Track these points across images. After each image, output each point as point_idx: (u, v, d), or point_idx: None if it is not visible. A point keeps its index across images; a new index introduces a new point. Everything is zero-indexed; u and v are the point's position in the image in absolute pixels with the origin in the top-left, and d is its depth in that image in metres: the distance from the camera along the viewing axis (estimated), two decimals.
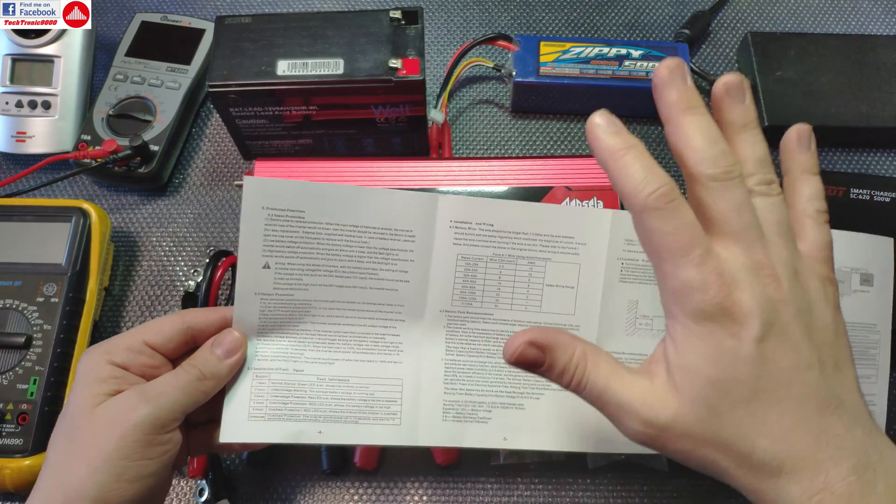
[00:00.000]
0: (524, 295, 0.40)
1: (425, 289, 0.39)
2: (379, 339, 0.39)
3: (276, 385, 0.37)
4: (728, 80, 0.30)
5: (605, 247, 0.40)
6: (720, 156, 0.28)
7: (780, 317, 0.27)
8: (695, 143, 0.28)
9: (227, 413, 0.36)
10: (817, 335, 0.29)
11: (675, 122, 0.29)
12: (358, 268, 0.38)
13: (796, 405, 0.27)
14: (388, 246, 0.39)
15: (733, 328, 0.27)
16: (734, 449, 0.28)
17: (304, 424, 0.37)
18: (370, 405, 0.38)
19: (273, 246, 0.37)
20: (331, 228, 0.38)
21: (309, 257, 0.38)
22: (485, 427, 0.39)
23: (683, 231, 0.27)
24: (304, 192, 0.37)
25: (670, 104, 0.29)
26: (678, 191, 0.27)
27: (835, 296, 0.31)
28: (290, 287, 0.38)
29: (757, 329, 0.27)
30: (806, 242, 0.31)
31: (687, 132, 0.28)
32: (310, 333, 0.38)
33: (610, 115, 0.29)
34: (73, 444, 0.32)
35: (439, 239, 0.39)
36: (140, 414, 0.32)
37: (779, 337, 0.27)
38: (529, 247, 0.40)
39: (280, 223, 0.37)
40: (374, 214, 0.38)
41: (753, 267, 0.28)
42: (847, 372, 0.29)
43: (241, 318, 0.37)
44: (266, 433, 0.37)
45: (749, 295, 0.27)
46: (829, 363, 0.29)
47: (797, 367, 0.27)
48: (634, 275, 0.40)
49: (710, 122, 0.28)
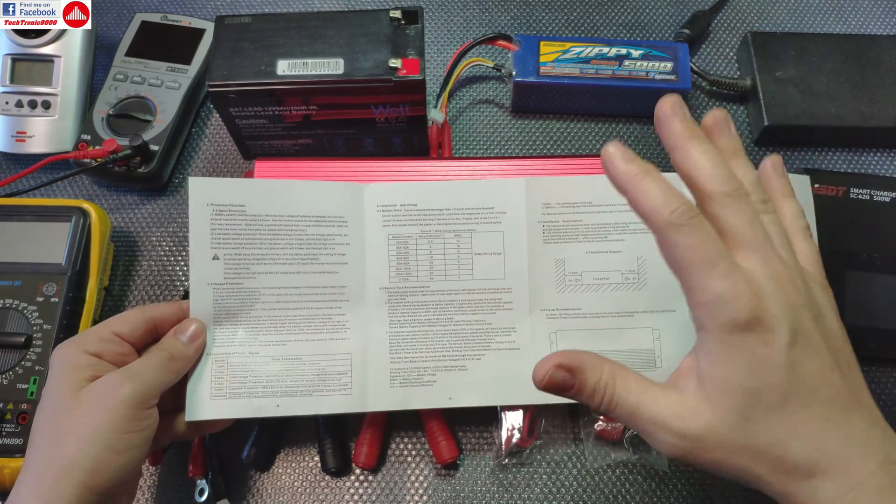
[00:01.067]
0: (455, 265, 0.44)
1: (363, 269, 0.43)
2: (326, 320, 0.42)
3: (234, 367, 0.40)
4: (715, 114, 0.33)
5: (523, 213, 0.44)
6: (729, 175, 0.29)
7: (803, 323, 0.29)
8: (704, 164, 0.30)
9: (191, 394, 0.39)
10: (831, 340, 0.30)
11: (682, 148, 0.30)
12: (299, 254, 0.42)
13: (824, 407, 0.28)
14: (325, 232, 0.42)
15: (765, 336, 0.28)
16: (768, 455, 0.28)
17: (262, 400, 0.40)
18: (322, 379, 0.41)
19: (220, 238, 0.40)
20: (270, 220, 0.41)
21: (253, 247, 0.41)
22: (430, 389, 0.42)
23: (709, 244, 0.28)
24: (243, 188, 0.41)
25: (677, 133, 0.31)
26: (698, 209, 0.29)
27: (834, 303, 0.32)
28: (239, 276, 0.41)
29: (787, 336, 0.28)
30: (801, 255, 0.33)
31: (695, 156, 0.30)
32: (261, 319, 0.41)
33: (622, 145, 0.30)
34: (60, 425, 0.34)
35: (369, 222, 0.43)
36: (126, 390, 0.35)
37: (804, 343, 0.28)
38: (454, 221, 0.43)
39: (224, 217, 0.41)
40: (308, 204, 0.42)
41: (774, 275, 0.29)
42: (858, 373, 0.31)
43: (197, 307, 0.40)
44: (228, 409, 0.40)
45: (774, 303, 0.28)
46: (844, 367, 0.30)
47: (822, 371, 0.29)
48: (557, 235, 0.44)
49: (713, 148, 0.30)
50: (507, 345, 0.43)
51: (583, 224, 0.44)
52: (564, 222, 0.44)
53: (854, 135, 0.55)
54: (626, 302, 0.43)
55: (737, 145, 0.33)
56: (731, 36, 0.62)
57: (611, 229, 0.44)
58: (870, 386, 0.47)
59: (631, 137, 0.56)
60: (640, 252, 0.43)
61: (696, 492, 0.44)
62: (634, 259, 0.43)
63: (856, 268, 0.48)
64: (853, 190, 0.49)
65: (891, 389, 0.47)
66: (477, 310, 0.43)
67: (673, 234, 0.28)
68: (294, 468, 0.45)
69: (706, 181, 0.29)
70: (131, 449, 0.34)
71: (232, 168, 0.56)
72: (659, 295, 0.43)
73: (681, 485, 0.44)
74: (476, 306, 0.43)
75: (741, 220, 0.29)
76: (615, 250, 0.44)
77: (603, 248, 0.44)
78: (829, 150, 0.56)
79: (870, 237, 0.48)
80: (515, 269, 0.43)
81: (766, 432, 0.28)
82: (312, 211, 0.42)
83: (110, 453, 0.33)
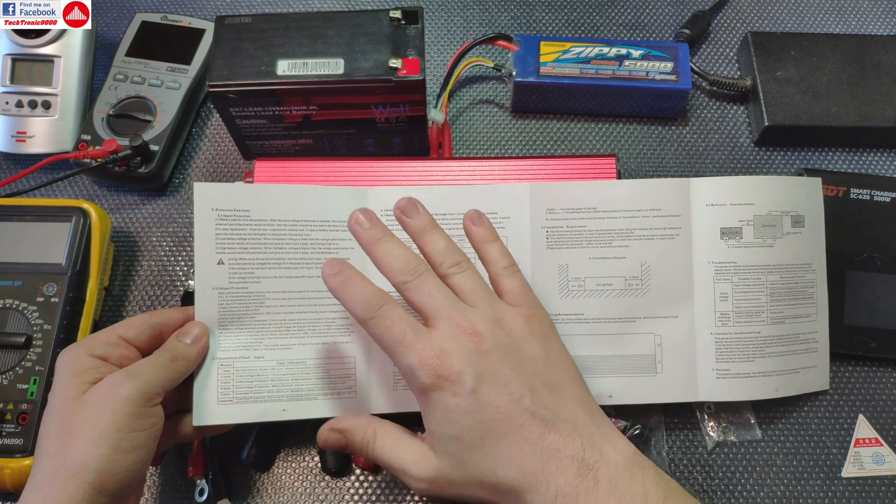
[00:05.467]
0: None
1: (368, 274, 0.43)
2: (330, 323, 0.42)
3: (241, 372, 0.40)
4: (400, 204, 0.38)
5: (527, 218, 0.44)
6: (406, 263, 0.36)
7: (488, 365, 0.34)
8: (386, 262, 0.36)
9: (198, 399, 0.39)
10: (527, 368, 0.35)
11: (371, 253, 0.37)
12: (304, 259, 0.42)
13: (518, 434, 0.33)
14: (329, 237, 0.42)
15: (453, 388, 0.33)
16: (486, 483, 0.34)
17: (268, 404, 0.40)
18: (327, 382, 0.41)
19: (224, 243, 0.40)
20: (275, 224, 0.41)
21: (258, 252, 0.41)
22: None
23: (395, 327, 0.34)
24: (248, 193, 0.41)
25: (364, 242, 0.37)
26: (387, 297, 0.35)
27: (541, 327, 0.37)
28: (244, 280, 0.41)
29: (471, 382, 0.33)
30: (506, 294, 0.38)
31: (379, 258, 0.36)
32: (266, 323, 0.41)
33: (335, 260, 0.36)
34: (66, 428, 0.34)
35: None
36: (128, 389, 0.35)
37: (490, 382, 0.33)
38: (457, 225, 0.42)
39: (229, 222, 0.41)
40: (312, 209, 0.42)
41: (456, 333, 0.34)
42: (564, 390, 0.35)
43: (202, 311, 0.40)
44: (235, 414, 0.40)
45: (457, 358, 0.33)
46: (543, 389, 0.34)
47: (511, 402, 0.33)
48: (560, 241, 0.44)
49: (393, 244, 0.36)
50: None
51: (587, 230, 0.44)
52: (568, 228, 0.44)
53: (854, 135, 0.55)
54: (628, 308, 0.43)
55: (424, 223, 0.38)
56: (731, 36, 0.62)
57: (615, 235, 0.44)
58: (870, 386, 0.47)
59: (631, 137, 0.56)
60: (643, 258, 0.43)
61: (695, 492, 0.44)
62: (638, 265, 0.43)
63: (856, 268, 0.48)
64: (853, 190, 0.49)
65: (891, 389, 0.47)
66: None
67: (369, 328, 0.35)
68: (294, 468, 0.45)
69: (391, 275, 0.36)
70: (137, 448, 0.34)
71: (232, 168, 0.56)
72: (661, 301, 0.43)
73: (681, 485, 0.44)
74: None
75: (422, 297, 0.35)
76: (619, 256, 0.44)
77: (606, 255, 0.44)
78: (829, 150, 0.56)
79: (870, 237, 0.48)
80: None
81: (477, 466, 0.33)
82: (317, 215, 0.42)
83: (117, 453, 0.33)
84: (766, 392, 0.43)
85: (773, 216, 0.43)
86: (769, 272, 0.43)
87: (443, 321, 0.34)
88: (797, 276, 0.44)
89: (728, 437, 0.45)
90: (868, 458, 0.45)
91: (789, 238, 0.44)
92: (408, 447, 0.36)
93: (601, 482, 0.32)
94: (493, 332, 0.35)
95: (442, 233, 0.38)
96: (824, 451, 0.45)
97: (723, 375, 0.43)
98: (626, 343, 0.43)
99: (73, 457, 0.33)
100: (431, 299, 0.35)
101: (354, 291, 0.35)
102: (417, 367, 0.33)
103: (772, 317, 0.43)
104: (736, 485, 0.44)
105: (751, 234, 0.43)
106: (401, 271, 0.36)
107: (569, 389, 0.35)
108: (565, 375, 0.36)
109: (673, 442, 0.46)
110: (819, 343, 0.45)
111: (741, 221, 0.43)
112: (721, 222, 0.43)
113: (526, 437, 0.33)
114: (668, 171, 0.55)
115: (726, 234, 0.43)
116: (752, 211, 0.43)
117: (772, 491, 0.44)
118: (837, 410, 0.47)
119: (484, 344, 0.34)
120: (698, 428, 0.46)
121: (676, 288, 0.44)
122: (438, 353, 0.33)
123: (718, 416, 0.46)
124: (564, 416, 0.34)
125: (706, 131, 0.57)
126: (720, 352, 0.43)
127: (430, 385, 0.33)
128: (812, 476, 0.45)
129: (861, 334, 0.47)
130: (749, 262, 0.43)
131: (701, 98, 0.59)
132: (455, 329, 0.34)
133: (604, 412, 0.36)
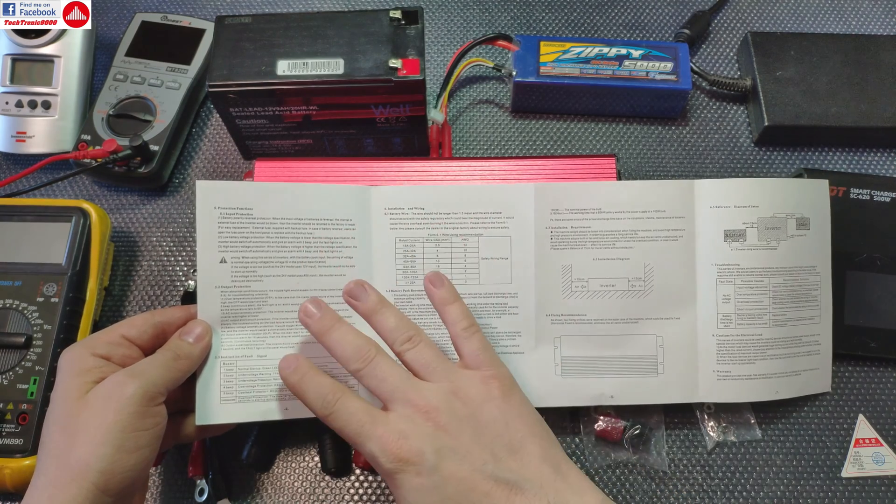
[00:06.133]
0: (462, 269, 0.44)
1: (370, 272, 0.43)
2: None
3: (243, 371, 0.40)
4: (347, 288, 0.39)
5: (531, 218, 0.44)
6: (357, 350, 0.36)
7: (447, 440, 0.34)
8: (339, 351, 0.36)
9: (201, 398, 0.39)
10: (487, 433, 0.35)
11: (323, 343, 0.37)
12: (307, 257, 0.42)
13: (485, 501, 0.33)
14: (332, 235, 0.42)
15: (415, 469, 0.33)
16: None
17: (271, 403, 0.40)
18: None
19: (227, 242, 0.40)
20: (277, 223, 0.41)
21: (261, 250, 0.41)
22: None
23: (351, 419, 0.34)
24: (250, 191, 0.41)
25: (315, 333, 0.37)
26: (343, 389, 0.35)
27: (501, 387, 0.37)
28: (247, 279, 0.41)
29: (431, 460, 0.33)
30: (464, 357, 0.38)
31: (332, 347, 0.37)
32: (269, 321, 0.41)
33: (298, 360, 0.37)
34: (69, 428, 0.34)
35: (377, 225, 0.43)
36: (131, 388, 0.35)
37: (450, 456, 0.34)
38: (461, 225, 0.43)
39: (231, 220, 0.40)
40: (315, 207, 0.42)
41: (412, 414, 0.34)
42: (526, 449, 0.35)
43: (205, 310, 0.40)
44: (237, 414, 0.40)
45: (415, 438, 0.33)
46: (504, 452, 0.35)
47: (473, 471, 0.33)
48: (564, 242, 0.44)
49: (343, 331, 0.37)
50: (512, 349, 0.43)
51: (591, 231, 0.44)
52: (572, 228, 0.44)
53: (854, 135, 0.55)
54: (631, 309, 0.43)
55: (373, 303, 0.38)
56: (731, 36, 0.62)
57: (619, 236, 0.44)
58: (870, 386, 0.47)
59: (631, 137, 0.56)
60: (647, 260, 0.43)
61: (695, 492, 0.44)
62: (641, 266, 0.43)
63: (856, 268, 0.48)
64: (853, 190, 0.49)
65: (891, 389, 0.47)
66: (483, 314, 0.43)
67: (328, 422, 0.35)
68: (294, 468, 0.45)
69: (346, 364, 0.36)
70: (141, 448, 0.34)
71: (232, 168, 0.56)
72: (664, 302, 0.43)
73: (681, 485, 0.44)
74: (482, 310, 0.43)
75: (376, 381, 0.35)
76: (623, 258, 0.44)
77: (610, 256, 0.44)
78: (829, 150, 0.56)
79: (870, 237, 0.48)
80: (522, 274, 0.43)
81: None
82: (320, 214, 0.42)
83: (121, 453, 0.33)
84: (767, 394, 0.43)
85: (777, 218, 0.43)
86: (772, 275, 0.43)
87: (398, 403, 0.35)
88: (801, 279, 0.44)
89: (728, 437, 0.45)
90: (868, 458, 0.45)
91: (794, 240, 0.44)
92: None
93: None
94: (449, 404, 0.35)
95: (392, 309, 0.38)
96: (824, 451, 0.45)
97: (724, 377, 0.43)
98: (628, 344, 0.43)
99: (76, 457, 0.33)
100: (384, 383, 0.35)
101: (310, 389, 0.36)
102: (379, 453, 0.33)
103: (774, 319, 0.43)
104: (736, 485, 0.44)
105: (754, 237, 0.43)
106: (353, 359, 0.36)
107: (531, 447, 0.35)
108: (527, 433, 0.36)
109: (673, 442, 0.46)
110: (822, 345, 0.45)
111: (745, 223, 0.43)
112: (725, 224, 0.43)
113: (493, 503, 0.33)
114: (668, 171, 0.55)
115: (730, 237, 0.43)
116: (757, 213, 0.43)
117: (772, 491, 0.44)
118: (837, 410, 0.47)
119: (441, 418, 0.34)
120: (698, 428, 0.46)
121: (679, 290, 0.44)
122: (397, 436, 0.33)
123: (718, 416, 0.46)
124: (528, 477, 0.34)
125: (706, 131, 0.57)
126: (721, 353, 0.43)
127: (394, 469, 0.33)
128: (812, 476, 0.45)
129: (861, 334, 0.47)
130: (752, 265, 0.43)
131: (701, 98, 0.59)
132: (410, 410, 0.35)
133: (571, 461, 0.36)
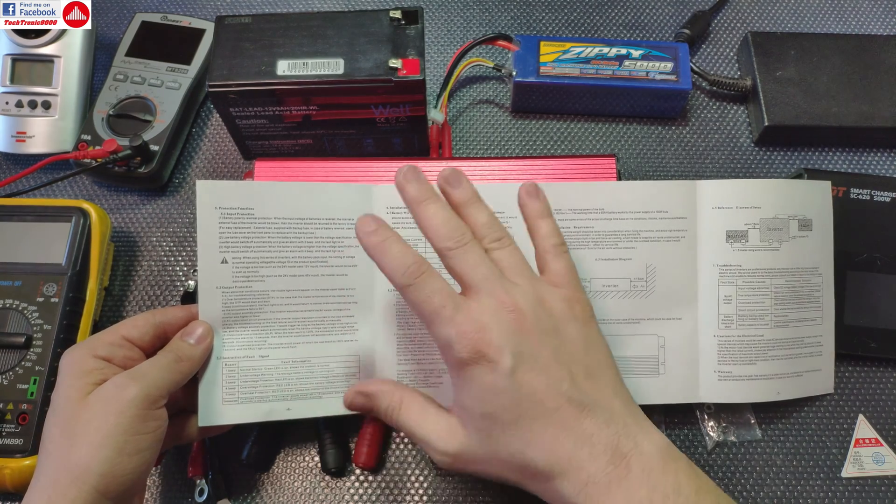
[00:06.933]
0: None
1: (373, 272, 0.42)
2: (335, 322, 0.42)
3: (245, 371, 0.40)
4: (445, 173, 0.37)
5: None
6: (452, 230, 0.34)
7: (528, 345, 0.33)
8: (432, 224, 0.35)
9: (203, 400, 0.39)
10: (566, 352, 0.34)
11: (415, 212, 0.35)
12: (308, 257, 0.42)
13: (553, 417, 0.32)
14: (334, 235, 0.42)
15: (491, 365, 0.32)
16: (514, 464, 0.33)
17: (273, 404, 0.40)
18: (331, 381, 0.42)
19: (228, 242, 0.40)
20: (279, 222, 0.41)
21: (262, 250, 0.41)
22: (436, 391, 0.42)
23: (435, 296, 0.33)
24: (251, 191, 0.41)
25: (410, 199, 0.35)
26: (426, 265, 0.34)
27: (583, 311, 0.36)
28: (248, 279, 0.40)
29: (510, 361, 0.32)
30: (549, 273, 0.37)
31: (426, 217, 0.35)
32: (271, 322, 0.41)
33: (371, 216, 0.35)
34: (70, 430, 0.34)
35: None
36: (132, 391, 0.34)
37: (529, 363, 0.32)
38: None
39: (232, 221, 0.40)
40: (316, 207, 0.42)
41: (497, 308, 0.33)
42: (601, 377, 0.35)
43: (206, 311, 0.40)
44: (240, 414, 0.40)
45: (497, 334, 0.32)
46: (581, 374, 0.34)
47: (549, 385, 0.32)
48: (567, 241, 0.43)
49: (441, 206, 0.35)
50: None
51: (593, 231, 0.44)
52: (575, 228, 0.44)
53: (854, 135, 0.55)
54: (633, 309, 0.43)
55: (468, 194, 0.37)
56: (731, 36, 0.62)
57: (621, 237, 0.43)
58: (870, 386, 0.47)
59: (631, 137, 0.56)
60: (649, 260, 0.43)
61: None
62: (643, 267, 0.43)
63: (856, 268, 0.48)
64: (853, 190, 0.49)
65: (891, 389, 0.47)
66: None
67: (406, 294, 0.34)
68: (294, 468, 0.45)
69: (435, 239, 0.34)
70: (142, 451, 0.34)
71: (232, 168, 0.56)
72: (666, 303, 0.43)
73: None
74: None
75: (466, 267, 0.34)
76: (625, 258, 0.43)
77: (612, 256, 0.43)
78: (829, 150, 0.56)
79: (870, 237, 0.48)
80: None
81: (507, 446, 0.33)
82: (322, 213, 0.42)
83: (121, 456, 0.33)
84: (767, 395, 0.43)
85: (779, 220, 0.43)
86: (774, 276, 0.43)
87: (485, 294, 0.33)
88: (803, 280, 0.44)
89: (728, 437, 0.45)
90: (868, 458, 0.45)
91: (796, 242, 0.44)
92: (434, 419, 0.35)
93: (633, 471, 0.32)
94: (535, 310, 0.34)
95: (486, 206, 0.37)
96: (824, 451, 0.45)
97: (725, 377, 0.43)
98: (630, 344, 0.43)
99: (76, 459, 0.33)
100: (475, 270, 0.34)
101: (394, 254, 0.34)
102: (455, 339, 0.32)
103: (776, 320, 0.43)
104: (736, 485, 0.44)
105: (756, 238, 0.43)
106: (445, 237, 0.34)
107: (606, 377, 0.35)
108: (603, 363, 0.35)
109: (673, 441, 0.45)
110: (824, 347, 0.45)
111: (747, 224, 0.43)
112: (727, 225, 0.43)
113: (560, 422, 0.32)
114: (668, 171, 0.55)
115: (732, 237, 0.43)
116: (759, 214, 0.43)
117: (772, 491, 0.44)
118: (837, 410, 0.47)
119: (525, 322, 0.33)
120: (698, 428, 0.46)
121: (681, 290, 0.44)
122: (478, 328, 0.32)
123: (718, 416, 0.46)
124: (601, 403, 0.33)
125: (706, 131, 0.57)
126: (722, 354, 0.43)
127: (467, 359, 0.32)
128: (812, 476, 0.45)
129: (861, 334, 0.47)
130: (754, 266, 0.43)
131: (701, 98, 0.59)
132: (497, 304, 0.33)
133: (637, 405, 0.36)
